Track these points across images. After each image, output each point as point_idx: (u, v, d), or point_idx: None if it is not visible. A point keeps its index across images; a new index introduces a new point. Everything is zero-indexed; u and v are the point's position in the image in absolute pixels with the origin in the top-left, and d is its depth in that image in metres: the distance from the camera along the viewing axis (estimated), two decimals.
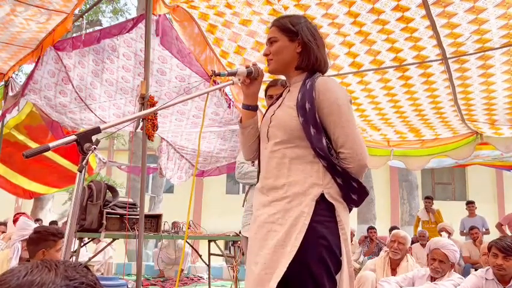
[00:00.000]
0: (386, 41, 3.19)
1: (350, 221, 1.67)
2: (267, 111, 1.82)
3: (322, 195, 1.57)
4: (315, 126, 1.59)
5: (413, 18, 2.91)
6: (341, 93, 1.65)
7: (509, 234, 7.46)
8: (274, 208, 1.61)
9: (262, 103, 4.38)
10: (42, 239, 2.72)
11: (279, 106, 1.75)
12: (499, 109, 4.01)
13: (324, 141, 1.59)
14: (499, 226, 7.66)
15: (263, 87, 2.21)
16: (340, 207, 1.59)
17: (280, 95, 1.83)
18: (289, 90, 1.77)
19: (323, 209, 1.56)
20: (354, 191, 1.62)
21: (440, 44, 3.11)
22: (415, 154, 5.35)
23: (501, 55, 3.18)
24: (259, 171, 1.79)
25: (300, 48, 1.71)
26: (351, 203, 1.65)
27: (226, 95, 4.69)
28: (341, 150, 1.60)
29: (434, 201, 8.38)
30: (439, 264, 3.22)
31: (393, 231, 4.00)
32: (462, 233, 8.06)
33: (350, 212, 1.69)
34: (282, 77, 2.05)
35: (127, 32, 3.82)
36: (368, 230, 8.17)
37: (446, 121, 4.46)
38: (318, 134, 1.59)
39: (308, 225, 1.53)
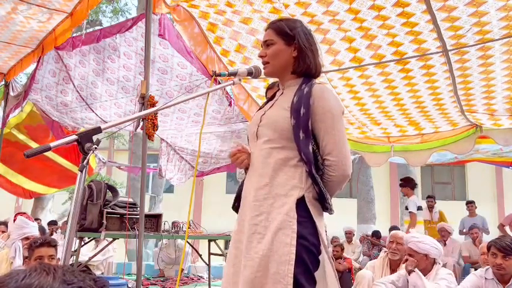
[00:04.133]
0: (386, 35, 3.21)
1: (324, 224, 1.70)
2: (258, 111, 1.85)
3: (302, 198, 1.61)
4: (305, 131, 1.62)
5: (413, 13, 2.94)
6: (336, 103, 1.69)
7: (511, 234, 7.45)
8: (256, 210, 1.63)
9: (263, 100, 4.40)
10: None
11: (270, 107, 1.77)
12: (498, 97, 4.02)
13: (310, 147, 1.62)
14: (501, 227, 7.64)
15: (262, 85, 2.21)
16: (316, 210, 1.63)
17: (272, 97, 1.84)
18: (282, 93, 1.79)
19: (302, 211, 1.60)
20: (327, 202, 1.66)
21: (440, 37, 3.13)
22: (415, 149, 5.36)
23: (501, 45, 3.20)
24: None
25: (296, 53, 1.73)
26: (325, 209, 1.68)
27: (227, 93, 4.69)
28: (327, 157, 1.64)
29: (435, 201, 8.36)
30: (410, 258, 3.21)
31: (392, 232, 4.00)
32: (461, 232, 8.05)
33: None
34: None
35: (127, 30, 3.82)
36: (372, 235, 8.17)
37: (446, 113, 4.48)
38: (306, 139, 1.62)
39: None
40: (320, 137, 1.65)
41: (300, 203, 1.60)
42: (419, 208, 6.27)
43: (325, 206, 1.65)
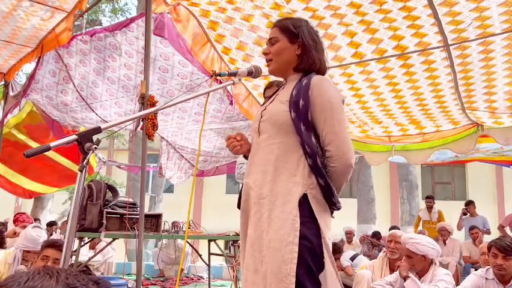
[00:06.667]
0: (388, 29, 3.21)
1: (331, 223, 1.65)
2: (259, 108, 1.85)
3: (305, 196, 1.58)
4: (305, 123, 1.61)
5: (415, 7, 2.95)
6: (335, 92, 1.68)
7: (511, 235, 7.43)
8: (261, 207, 1.62)
9: (263, 99, 4.40)
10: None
11: (271, 102, 1.77)
12: (499, 93, 4.02)
13: (313, 139, 1.61)
14: (501, 228, 7.63)
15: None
16: (320, 209, 1.59)
17: (275, 93, 1.85)
18: (283, 88, 1.79)
19: (305, 210, 1.57)
20: (334, 195, 1.62)
21: (441, 31, 3.14)
22: (416, 148, 5.36)
23: (502, 40, 3.19)
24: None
25: (299, 51, 1.73)
26: (332, 206, 1.64)
27: (228, 92, 4.68)
28: (327, 148, 1.62)
29: (434, 201, 8.35)
30: (406, 261, 3.21)
31: (390, 231, 4.00)
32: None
33: (332, 214, 1.67)
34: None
35: (124, 26, 3.82)
36: (372, 236, 8.15)
37: (447, 111, 4.47)
38: (307, 131, 1.61)
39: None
40: (320, 127, 1.62)
41: (303, 202, 1.57)
42: None
43: (331, 201, 1.61)
